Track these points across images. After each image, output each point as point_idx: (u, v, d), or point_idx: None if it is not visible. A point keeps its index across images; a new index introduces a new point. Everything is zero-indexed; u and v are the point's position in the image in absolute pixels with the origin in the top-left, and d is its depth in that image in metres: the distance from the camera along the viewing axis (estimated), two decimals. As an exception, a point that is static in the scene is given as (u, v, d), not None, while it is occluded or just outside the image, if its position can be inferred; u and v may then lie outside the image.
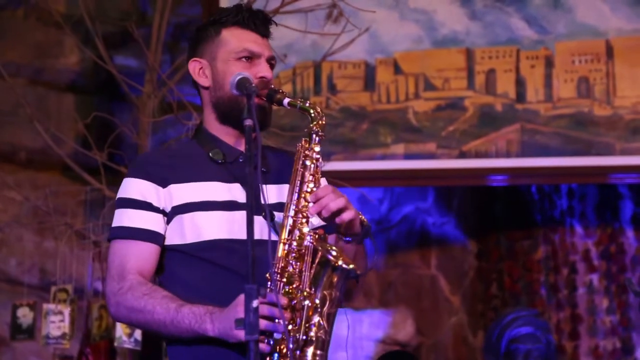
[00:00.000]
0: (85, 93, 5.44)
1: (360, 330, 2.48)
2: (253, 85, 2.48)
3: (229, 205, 2.56)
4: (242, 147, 2.66)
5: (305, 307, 2.46)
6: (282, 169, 2.71)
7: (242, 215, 2.38)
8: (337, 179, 4.45)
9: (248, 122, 2.38)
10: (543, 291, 6.26)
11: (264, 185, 2.56)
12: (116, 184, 4.76)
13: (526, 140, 5.12)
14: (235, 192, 2.59)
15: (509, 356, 5.68)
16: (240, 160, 2.65)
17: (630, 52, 5.11)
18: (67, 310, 4.63)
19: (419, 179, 5.40)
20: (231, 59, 2.65)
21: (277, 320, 2.38)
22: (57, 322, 4.63)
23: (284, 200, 2.64)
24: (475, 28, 5.20)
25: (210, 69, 2.67)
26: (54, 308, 4.64)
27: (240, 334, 2.30)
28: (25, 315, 4.76)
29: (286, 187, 2.66)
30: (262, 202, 2.39)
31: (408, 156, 5.17)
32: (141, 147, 4.66)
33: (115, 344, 4.54)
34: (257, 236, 2.40)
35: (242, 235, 2.29)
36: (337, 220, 2.52)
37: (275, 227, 2.59)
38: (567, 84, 5.14)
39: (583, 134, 5.09)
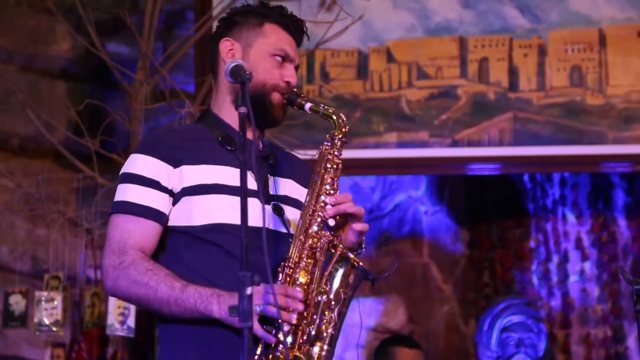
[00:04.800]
0: (77, 80, 5.42)
1: (352, 318, 2.49)
2: (247, 72, 2.47)
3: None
4: (251, 137, 2.63)
5: (320, 302, 2.48)
6: (290, 165, 2.76)
7: (253, 202, 2.38)
8: (330, 167, 4.45)
9: (242, 109, 2.37)
10: (535, 280, 6.27)
11: (271, 177, 2.64)
12: (108, 172, 4.81)
13: (519, 129, 5.12)
14: (248, 179, 2.58)
15: (500, 344, 5.70)
16: (252, 150, 2.64)
17: (622, 41, 5.11)
18: (59, 298, 4.63)
19: (411, 167, 5.40)
20: (267, 52, 2.67)
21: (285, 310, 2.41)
22: (50, 309, 4.63)
23: (291, 195, 2.69)
24: (468, 16, 5.20)
25: (242, 54, 2.67)
26: (47, 295, 4.64)
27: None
28: (17, 302, 4.76)
29: (292, 182, 2.71)
30: (257, 188, 2.38)
31: (401, 144, 5.17)
32: (133, 135, 4.66)
33: (108, 331, 4.54)
34: (267, 225, 2.46)
35: (252, 222, 2.28)
36: (349, 227, 2.56)
37: (285, 220, 2.63)
38: (559, 73, 5.15)
39: (575, 122, 5.09)
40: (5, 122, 5.19)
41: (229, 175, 2.58)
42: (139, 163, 2.60)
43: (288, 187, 2.71)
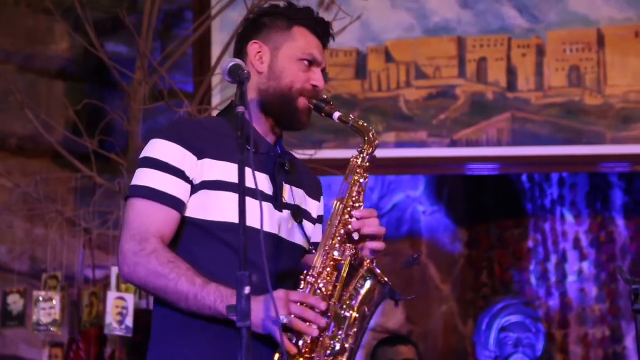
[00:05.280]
0: (75, 80, 5.42)
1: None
2: (245, 72, 2.47)
3: (256, 194, 2.46)
4: (270, 139, 2.68)
5: (347, 318, 2.48)
6: (304, 176, 2.77)
7: (267, 206, 2.38)
8: (329, 167, 4.45)
9: (240, 109, 2.38)
10: (533, 280, 6.28)
11: (287, 185, 2.65)
12: (107, 171, 4.81)
13: (517, 129, 5.12)
14: (263, 182, 2.58)
15: (499, 344, 5.70)
16: (271, 154, 2.66)
17: (621, 41, 5.11)
18: (57, 298, 4.63)
19: (409, 167, 5.40)
20: (295, 57, 2.67)
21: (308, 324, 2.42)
22: (48, 309, 4.62)
23: (302, 205, 2.70)
24: (466, 16, 5.20)
25: (270, 57, 2.68)
26: (45, 295, 4.64)
27: (273, 329, 2.35)
28: (15, 302, 4.76)
29: (304, 194, 2.73)
30: (255, 187, 2.38)
31: (399, 144, 5.17)
32: (132, 135, 4.65)
33: (106, 331, 4.54)
34: (277, 231, 2.54)
35: (266, 227, 2.30)
36: (367, 245, 2.57)
37: (303, 229, 2.65)
38: (558, 73, 5.15)
39: (574, 122, 5.09)
40: (3, 122, 5.19)
41: (248, 177, 2.57)
42: (164, 149, 2.57)
43: (301, 197, 2.72)
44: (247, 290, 2.15)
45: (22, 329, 4.82)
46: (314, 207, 2.77)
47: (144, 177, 2.57)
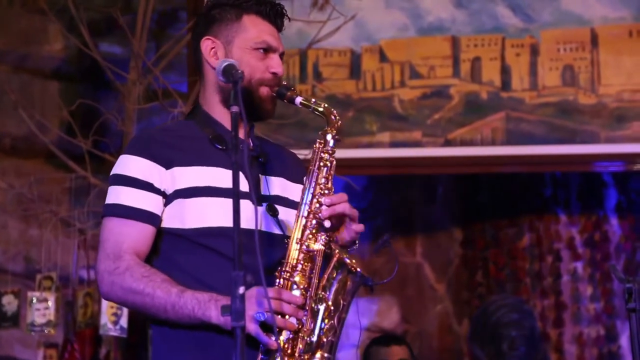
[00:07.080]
0: (70, 80, 5.41)
1: (347, 318, 2.52)
2: (239, 71, 2.46)
3: (242, 196, 2.39)
4: (241, 134, 2.62)
5: (319, 310, 2.46)
6: (281, 162, 2.72)
7: (245, 203, 2.33)
8: (323, 167, 4.45)
9: (234, 109, 2.36)
10: (528, 279, 6.28)
11: (262, 176, 2.61)
12: (101, 172, 4.81)
13: (511, 129, 5.13)
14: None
15: (493, 343, 5.71)
16: (241, 148, 2.60)
17: (615, 40, 5.12)
18: (52, 298, 4.62)
19: (404, 167, 5.40)
20: (248, 47, 2.63)
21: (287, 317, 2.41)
22: (42, 309, 4.62)
23: (282, 194, 2.66)
24: (460, 16, 5.21)
25: (224, 52, 2.64)
26: (39, 296, 4.64)
27: (250, 327, 2.32)
28: (9, 302, 4.75)
29: (283, 181, 2.68)
30: (249, 190, 2.36)
31: (394, 144, 5.17)
32: (126, 135, 4.66)
33: (101, 331, 4.54)
34: (260, 227, 2.47)
35: (245, 224, 2.26)
36: (345, 228, 2.54)
37: (279, 220, 2.60)
38: (552, 72, 5.15)
39: (568, 122, 5.10)
40: (-3, 122, 5.19)
41: (221, 177, 2.55)
42: (130, 164, 2.57)
43: (279, 186, 2.68)
44: (242, 290, 2.14)
45: (17, 330, 4.82)
46: (297, 191, 2.67)
47: (113, 195, 2.57)
